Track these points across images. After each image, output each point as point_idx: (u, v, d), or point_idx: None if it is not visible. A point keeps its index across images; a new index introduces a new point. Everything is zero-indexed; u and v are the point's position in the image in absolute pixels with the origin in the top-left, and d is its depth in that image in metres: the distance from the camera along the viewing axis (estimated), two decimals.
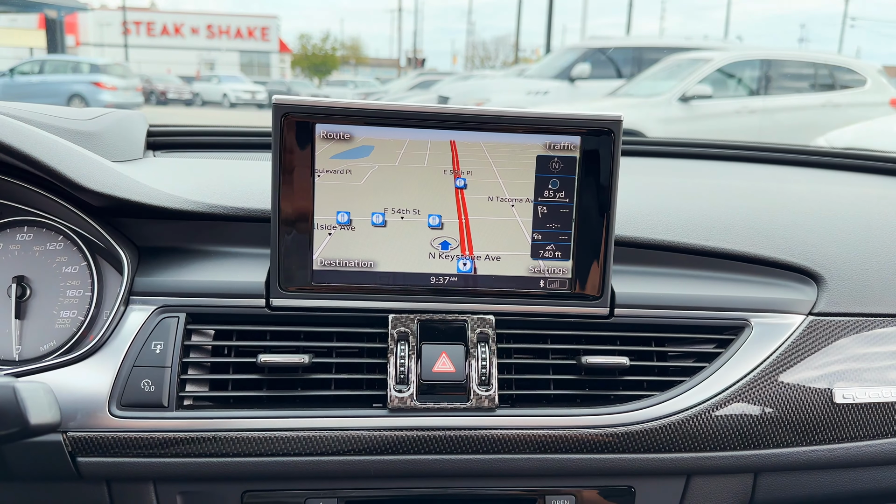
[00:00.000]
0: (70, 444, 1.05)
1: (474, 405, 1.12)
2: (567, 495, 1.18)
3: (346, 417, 1.10)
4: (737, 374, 1.17)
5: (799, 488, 1.23)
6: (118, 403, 1.07)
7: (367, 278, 1.15)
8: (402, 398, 1.11)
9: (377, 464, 1.11)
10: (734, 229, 1.33)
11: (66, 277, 1.18)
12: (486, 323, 1.17)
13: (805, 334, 1.22)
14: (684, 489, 1.20)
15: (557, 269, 1.17)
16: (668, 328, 1.21)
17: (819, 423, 1.19)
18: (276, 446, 1.08)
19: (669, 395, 1.16)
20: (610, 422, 1.14)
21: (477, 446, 1.12)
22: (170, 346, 1.10)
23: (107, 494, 1.11)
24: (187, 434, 1.07)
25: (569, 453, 1.13)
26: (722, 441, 1.16)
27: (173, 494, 1.12)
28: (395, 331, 1.15)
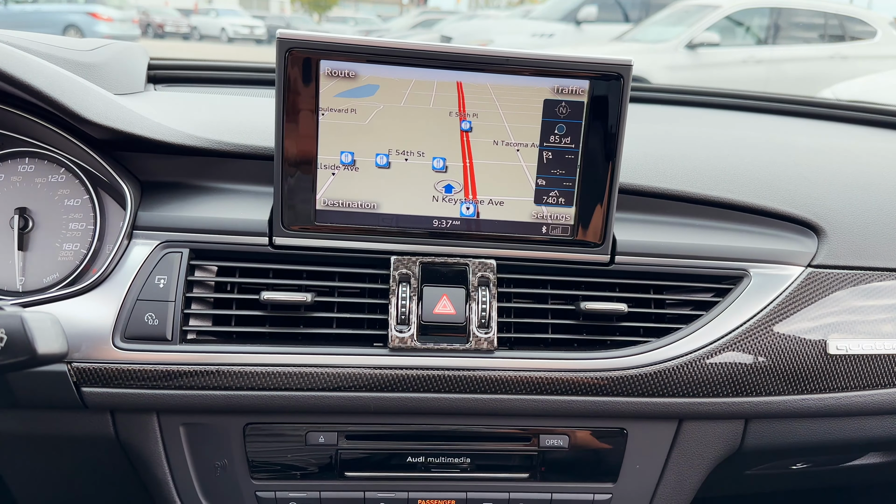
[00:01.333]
0: (75, 374, 1.07)
1: (473, 347, 1.14)
2: (561, 435, 1.21)
3: (347, 355, 1.12)
4: (733, 323, 1.19)
5: (789, 435, 1.27)
6: (122, 336, 1.08)
7: (370, 220, 1.15)
8: (403, 338, 1.13)
9: (377, 400, 1.13)
10: (738, 179, 1.33)
11: (69, 210, 1.18)
12: (487, 267, 1.17)
13: (803, 286, 1.23)
14: (676, 433, 1.23)
15: (560, 215, 1.17)
16: (668, 276, 1.22)
17: (812, 373, 1.21)
18: (278, 381, 1.10)
19: (665, 341, 1.18)
20: (606, 366, 1.15)
21: (475, 386, 1.14)
22: (173, 280, 1.10)
23: (111, 425, 1.13)
24: (190, 367, 1.09)
25: (564, 395, 1.16)
26: (715, 388, 1.18)
27: (176, 426, 1.15)
28: (397, 272, 1.15)
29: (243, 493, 1.20)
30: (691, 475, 1.26)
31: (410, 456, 1.21)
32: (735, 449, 1.27)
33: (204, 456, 1.17)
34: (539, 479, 1.23)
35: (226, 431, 1.16)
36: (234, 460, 1.18)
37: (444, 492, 1.23)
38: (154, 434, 1.14)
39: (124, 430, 1.14)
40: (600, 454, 1.23)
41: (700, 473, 1.27)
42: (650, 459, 1.24)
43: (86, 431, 1.13)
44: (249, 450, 1.17)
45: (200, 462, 1.18)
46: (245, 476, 1.19)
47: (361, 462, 1.20)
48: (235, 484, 1.19)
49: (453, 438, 1.21)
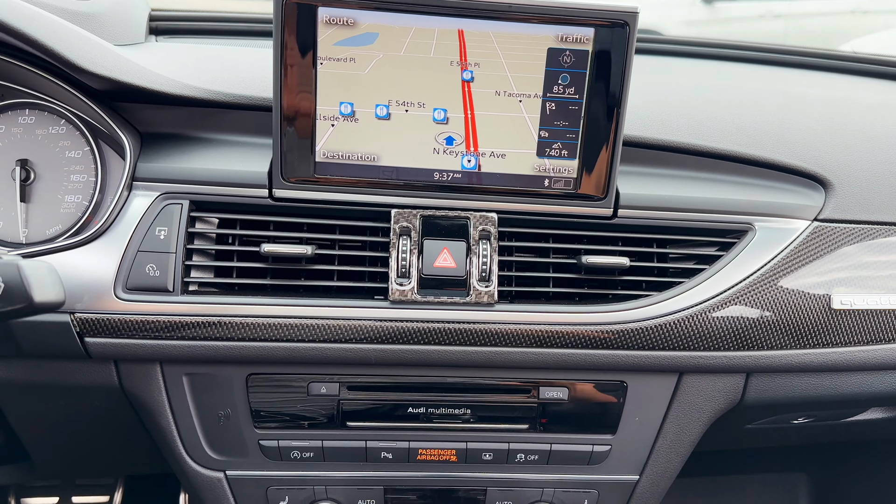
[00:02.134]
0: (78, 324, 1.08)
1: (474, 300, 1.14)
2: (561, 387, 1.22)
3: (347, 308, 1.13)
4: (736, 277, 1.18)
5: (789, 390, 1.27)
6: (124, 287, 1.09)
7: (370, 172, 1.14)
8: (403, 291, 1.13)
9: (377, 352, 1.14)
10: (745, 132, 1.30)
11: (70, 162, 1.17)
12: (488, 220, 1.16)
13: (808, 240, 1.22)
14: (676, 386, 1.23)
15: (563, 168, 1.16)
16: (671, 230, 1.21)
17: (815, 327, 1.20)
18: (280, 332, 1.11)
19: (667, 295, 1.17)
20: (607, 319, 1.15)
21: (475, 339, 1.14)
22: (174, 232, 1.10)
23: (115, 374, 1.15)
24: (192, 318, 1.10)
25: (565, 348, 1.16)
26: (716, 341, 1.18)
27: (179, 376, 1.16)
28: (398, 226, 1.15)
29: (247, 442, 1.22)
30: (691, 428, 1.27)
31: (411, 407, 1.22)
32: (735, 403, 1.27)
33: (207, 405, 1.19)
34: (539, 430, 1.24)
35: (228, 381, 1.17)
36: (237, 410, 1.19)
37: (444, 442, 1.25)
38: (157, 384, 1.16)
39: (128, 380, 1.15)
40: (600, 406, 1.24)
41: (700, 427, 1.27)
42: (650, 412, 1.25)
43: (90, 381, 1.15)
44: (252, 399, 1.19)
45: (204, 411, 1.19)
46: (248, 425, 1.21)
47: (363, 412, 1.21)
48: (239, 433, 1.21)
49: (454, 390, 1.22)
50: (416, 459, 1.26)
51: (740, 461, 2.50)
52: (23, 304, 0.84)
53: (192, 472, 1.25)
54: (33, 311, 0.86)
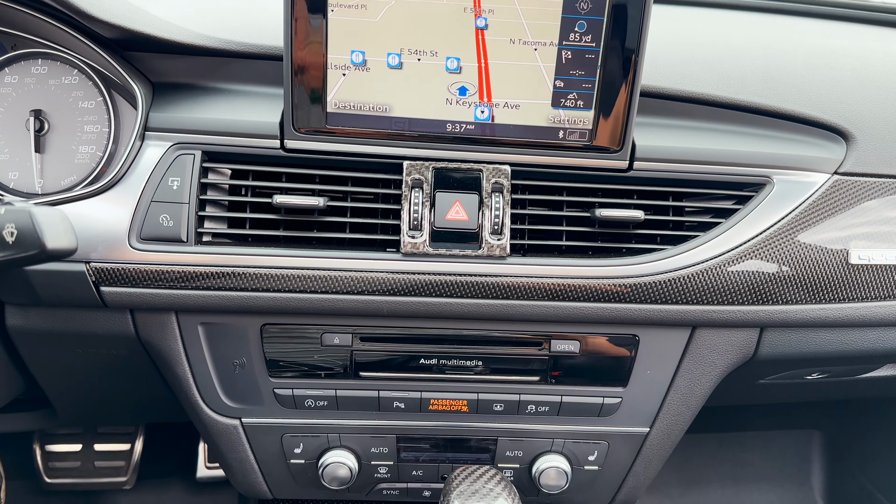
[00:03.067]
0: (93, 274, 1.09)
1: (486, 253, 1.13)
2: (573, 340, 1.22)
3: (359, 259, 1.13)
4: (753, 231, 1.16)
5: (804, 345, 1.26)
6: (138, 237, 1.10)
7: (382, 123, 1.13)
8: (415, 244, 1.13)
9: (390, 304, 1.14)
10: (765, 83, 1.27)
11: (83, 113, 1.17)
12: (501, 173, 1.15)
13: (827, 194, 1.19)
14: (688, 340, 1.23)
15: (578, 119, 1.14)
16: (687, 183, 1.19)
17: (831, 282, 1.19)
18: (293, 283, 1.12)
19: (682, 249, 1.16)
20: (620, 273, 1.15)
21: (486, 292, 1.14)
22: (186, 182, 1.11)
23: (131, 323, 1.16)
24: (206, 268, 1.10)
25: (577, 301, 1.16)
26: (731, 296, 1.17)
27: (195, 325, 1.17)
28: (410, 178, 1.14)
29: (262, 391, 1.24)
30: (703, 382, 1.27)
31: (423, 358, 1.23)
32: (748, 358, 1.26)
33: (223, 354, 1.21)
34: (549, 382, 1.25)
35: (243, 331, 1.19)
36: (251, 359, 1.21)
37: (456, 393, 1.26)
38: (173, 333, 1.17)
39: (144, 329, 1.17)
40: (611, 360, 1.24)
41: (712, 381, 1.27)
42: (661, 366, 1.25)
43: (107, 330, 1.16)
44: (267, 349, 1.20)
45: (219, 360, 1.21)
46: (263, 374, 1.23)
47: (375, 363, 1.23)
48: (254, 382, 1.23)
49: (465, 342, 1.22)
50: (427, 409, 1.27)
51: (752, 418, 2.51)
52: (36, 250, 0.84)
53: (209, 419, 1.27)
54: (46, 258, 0.87)
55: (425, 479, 1.37)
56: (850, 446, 2.44)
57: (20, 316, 1.16)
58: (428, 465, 1.35)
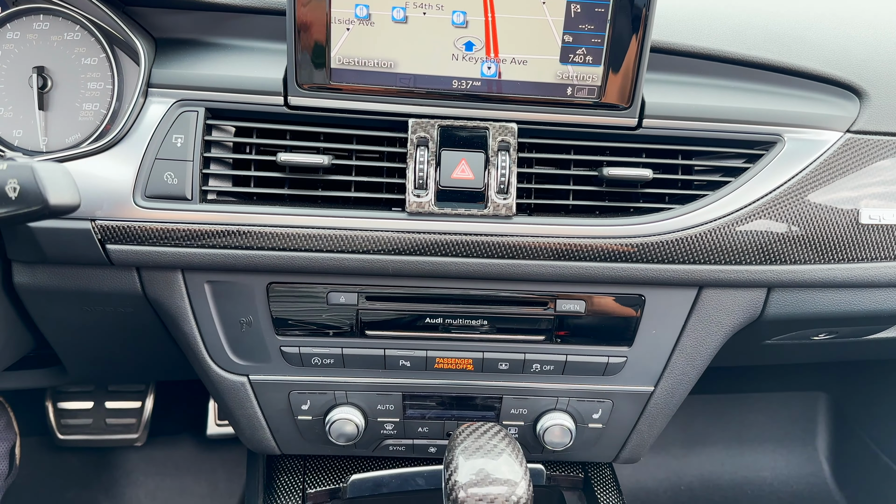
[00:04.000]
0: (99, 231, 1.09)
1: (491, 213, 1.13)
2: (578, 300, 1.21)
3: (365, 219, 1.12)
4: (762, 190, 1.15)
5: (811, 305, 1.25)
6: (143, 195, 1.09)
7: (387, 79, 1.12)
8: (421, 203, 1.12)
9: (395, 263, 1.14)
10: (778, 39, 1.24)
11: (86, 69, 1.16)
12: (508, 131, 1.14)
13: (839, 152, 1.18)
14: (695, 300, 1.22)
15: (587, 75, 1.12)
16: (697, 141, 1.17)
17: (841, 242, 1.18)
18: (299, 242, 1.12)
19: (690, 208, 1.15)
20: (627, 233, 1.14)
21: (492, 251, 1.14)
22: (190, 139, 1.10)
23: (138, 281, 1.17)
24: (211, 227, 1.10)
25: (583, 261, 1.15)
26: (739, 255, 1.16)
27: (201, 283, 1.18)
28: (415, 136, 1.13)
29: (269, 348, 1.25)
30: (708, 342, 1.27)
31: (429, 317, 1.23)
32: (755, 318, 1.26)
33: (229, 312, 1.21)
34: (555, 341, 1.25)
35: (249, 290, 1.19)
36: (258, 317, 1.21)
37: (461, 352, 1.26)
38: (180, 290, 1.18)
39: (151, 287, 1.17)
40: (617, 319, 1.24)
41: (717, 340, 1.27)
42: (667, 325, 1.25)
43: (114, 287, 1.17)
44: (273, 308, 1.21)
45: (226, 318, 1.22)
46: (270, 332, 1.23)
47: (381, 322, 1.23)
48: (261, 339, 1.24)
49: (471, 302, 1.22)
50: (433, 368, 1.28)
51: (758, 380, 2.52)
52: (38, 206, 0.84)
53: (217, 376, 1.29)
54: (50, 214, 0.87)
55: (431, 435, 1.39)
56: (856, 408, 2.45)
57: (27, 273, 1.17)
58: (433, 423, 1.37)
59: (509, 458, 0.98)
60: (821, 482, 2.48)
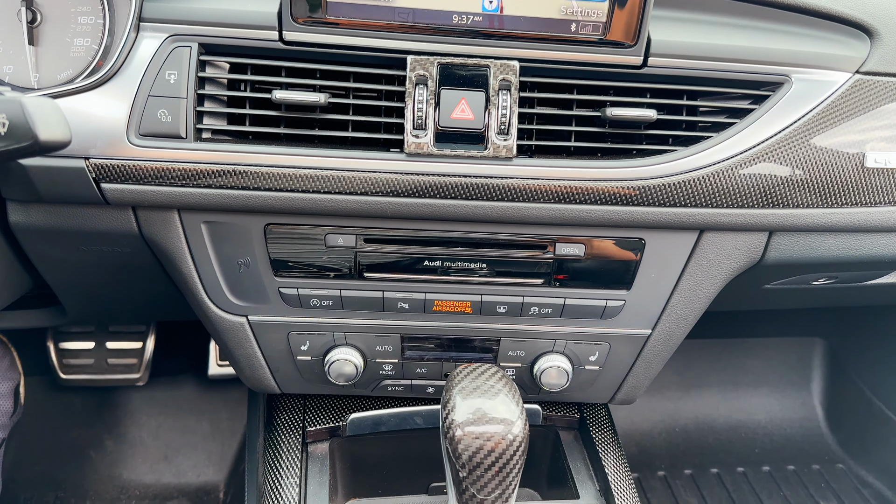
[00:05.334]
0: (93, 170, 1.08)
1: (491, 154, 1.11)
2: (578, 244, 1.21)
3: (363, 159, 1.11)
4: (768, 132, 1.13)
5: (812, 250, 1.24)
6: (137, 132, 1.08)
7: (384, 14, 1.08)
8: (419, 144, 1.10)
9: (393, 205, 1.13)
10: None
11: (76, 3, 1.13)
12: (509, 69, 1.11)
13: (847, 94, 1.15)
14: (695, 243, 1.21)
15: (591, 10, 1.08)
16: (703, 81, 1.15)
17: (845, 186, 1.16)
18: (296, 182, 1.10)
19: (694, 150, 1.13)
20: (629, 175, 1.12)
21: (492, 194, 1.12)
22: (184, 76, 1.07)
23: (134, 221, 1.16)
24: (206, 166, 1.09)
25: (584, 204, 1.14)
26: (741, 199, 1.14)
27: (198, 223, 1.17)
28: (414, 74, 1.10)
29: (267, 290, 1.25)
30: (707, 286, 1.26)
31: (427, 260, 1.23)
32: (755, 262, 1.25)
33: (227, 253, 1.21)
34: (553, 285, 1.25)
35: (247, 231, 1.18)
36: (256, 258, 1.21)
37: (459, 294, 1.26)
38: (176, 230, 1.17)
39: (147, 227, 1.16)
40: (616, 263, 1.23)
41: (717, 284, 1.27)
42: (666, 269, 1.24)
43: (110, 227, 1.16)
44: (271, 249, 1.20)
45: (224, 259, 1.21)
46: (268, 274, 1.23)
47: (380, 265, 1.23)
48: (259, 280, 1.24)
49: (470, 245, 1.21)
50: (431, 310, 1.28)
51: (755, 325, 2.54)
52: (28, 141, 0.82)
53: (216, 317, 1.29)
54: (40, 150, 0.85)
55: (429, 376, 1.40)
56: (851, 354, 2.47)
57: (22, 212, 1.16)
58: (432, 364, 1.38)
59: (506, 399, 0.99)
60: (814, 426, 2.53)
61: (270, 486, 1.38)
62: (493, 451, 0.96)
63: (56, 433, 2.31)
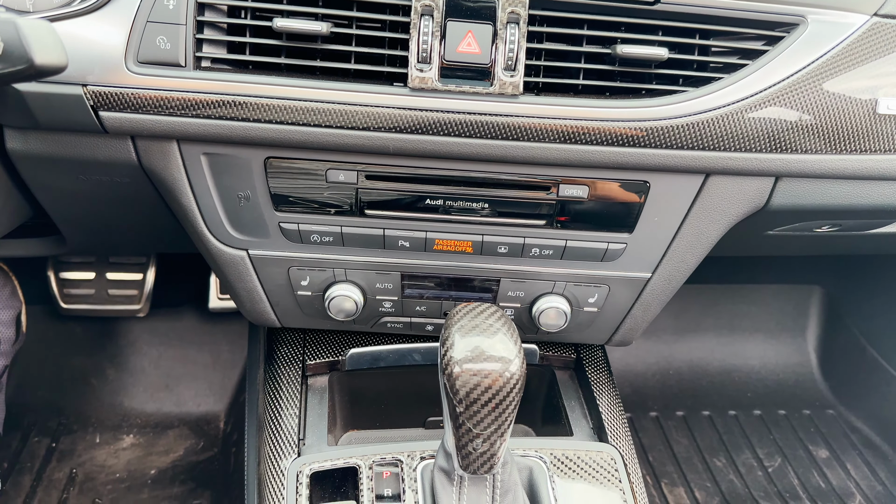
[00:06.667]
0: (91, 97, 1.06)
1: (497, 91, 1.08)
2: (581, 185, 1.19)
3: (366, 93, 1.08)
4: (780, 75, 1.10)
5: (818, 196, 1.23)
6: (135, 59, 1.05)
7: None
8: (424, 78, 1.08)
9: (396, 141, 1.11)
10: None
11: None
12: (518, 1, 1.07)
13: (863, 38, 1.12)
14: (700, 187, 1.20)
15: None
16: (717, 20, 1.11)
17: (854, 132, 1.14)
18: (296, 115, 1.08)
19: (704, 91, 1.10)
20: (637, 115, 1.10)
21: (496, 132, 1.10)
22: (183, 1, 1.04)
23: (133, 150, 1.14)
24: (206, 96, 1.06)
25: (590, 145, 1.12)
26: (749, 142, 1.13)
27: (197, 155, 1.15)
28: (419, 4, 1.07)
29: (267, 224, 1.24)
30: (710, 231, 1.26)
31: (429, 199, 1.21)
32: (760, 207, 1.24)
33: (227, 186, 1.19)
34: (555, 226, 1.24)
35: (247, 164, 1.17)
36: (256, 192, 1.20)
37: (461, 234, 1.26)
38: (176, 161, 1.15)
39: (146, 157, 1.15)
40: (619, 206, 1.22)
41: (720, 229, 1.26)
42: (670, 213, 1.23)
43: (109, 157, 1.14)
44: (271, 183, 1.19)
45: (224, 192, 1.20)
46: (268, 208, 1.22)
47: (381, 202, 1.22)
48: (259, 215, 1.23)
49: (472, 184, 1.20)
50: (432, 249, 1.28)
51: (754, 271, 2.54)
52: (24, 65, 0.80)
53: (216, 250, 1.29)
54: (36, 74, 0.83)
55: (428, 314, 1.41)
56: (849, 302, 2.49)
57: (19, 139, 1.14)
58: (431, 302, 1.38)
59: (504, 337, 0.99)
60: (807, 372, 2.56)
61: (270, 416, 1.41)
62: (489, 388, 0.97)
63: (58, 361, 2.35)
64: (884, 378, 2.31)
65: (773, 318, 2.60)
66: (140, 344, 2.40)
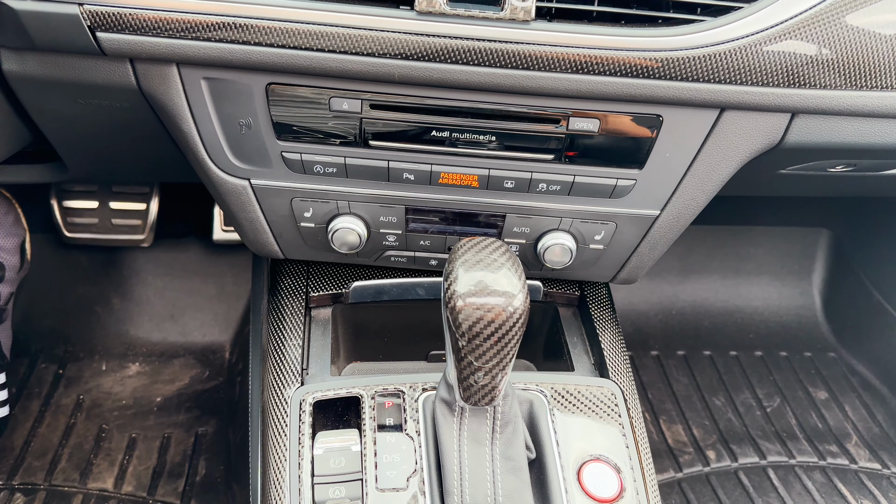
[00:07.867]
0: (88, 17, 1.02)
1: (508, 16, 1.04)
2: (592, 119, 1.16)
3: (370, 16, 1.04)
4: (802, 6, 1.06)
5: (835, 134, 1.20)
6: None
7: None
8: (431, 1, 1.03)
9: (401, 69, 1.08)
10: None
11: None
12: None
13: None
14: (714, 122, 1.17)
15: None
16: None
17: (876, 68, 1.10)
18: (298, 39, 1.05)
19: (723, 21, 1.06)
20: (653, 45, 1.06)
21: (506, 60, 1.07)
22: None
23: (132, 74, 1.11)
24: (207, 17, 1.03)
25: (602, 76, 1.08)
26: (767, 76, 1.09)
27: (197, 79, 1.12)
28: None
29: (269, 153, 1.22)
30: (722, 168, 1.23)
31: (435, 130, 1.19)
32: (774, 144, 1.21)
33: (228, 113, 1.17)
34: (564, 161, 1.22)
35: (248, 90, 1.13)
36: (258, 120, 1.17)
37: (466, 167, 1.23)
38: (176, 86, 1.13)
39: (145, 81, 1.12)
40: (630, 141, 1.19)
41: (732, 166, 1.23)
42: (682, 148, 1.20)
43: (107, 80, 1.12)
44: (273, 111, 1.16)
45: (225, 118, 1.18)
46: (270, 136, 1.19)
47: (385, 133, 1.19)
48: (261, 143, 1.20)
49: (480, 115, 1.17)
50: (437, 182, 1.25)
51: (762, 213, 2.52)
52: None
53: (218, 179, 1.27)
54: None
55: (432, 249, 1.40)
56: (856, 246, 2.47)
57: (16, 61, 1.11)
58: (435, 237, 1.37)
59: (508, 272, 0.98)
60: (810, 315, 2.57)
61: (274, 346, 1.41)
62: (492, 323, 0.96)
63: (63, 290, 2.36)
64: (887, 322, 2.31)
65: (779, 261, 2.59)
66: (144, 274, 2.40)
